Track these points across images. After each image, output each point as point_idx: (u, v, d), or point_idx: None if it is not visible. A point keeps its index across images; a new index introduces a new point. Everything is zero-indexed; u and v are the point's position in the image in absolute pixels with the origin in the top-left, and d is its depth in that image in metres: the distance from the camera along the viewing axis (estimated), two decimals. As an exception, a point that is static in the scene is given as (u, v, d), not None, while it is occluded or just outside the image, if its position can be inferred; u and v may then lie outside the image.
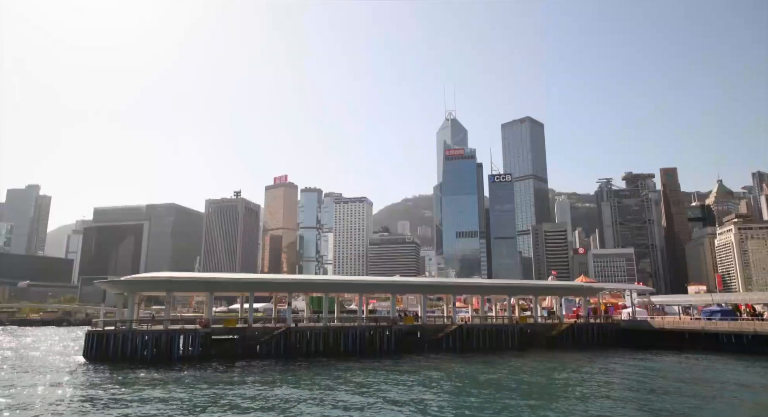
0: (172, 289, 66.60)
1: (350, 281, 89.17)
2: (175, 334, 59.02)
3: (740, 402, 36.36)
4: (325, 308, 72.46)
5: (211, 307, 67.78)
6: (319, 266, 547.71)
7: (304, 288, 78.64)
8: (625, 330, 79.67)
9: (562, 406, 34.25)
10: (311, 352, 62.32)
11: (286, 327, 63.68)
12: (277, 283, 76.54)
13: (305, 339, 63.84)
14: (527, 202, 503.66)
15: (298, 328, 64.93)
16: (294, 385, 40.73)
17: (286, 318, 67.18)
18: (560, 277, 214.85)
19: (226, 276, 76.66)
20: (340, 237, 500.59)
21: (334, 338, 64.69)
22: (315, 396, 36.33)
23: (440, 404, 34.25)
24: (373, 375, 46.29)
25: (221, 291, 75.05)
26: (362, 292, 77.04)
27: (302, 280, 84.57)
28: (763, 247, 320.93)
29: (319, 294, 78.57)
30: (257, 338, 62.08)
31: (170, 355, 56.66)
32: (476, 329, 73.23)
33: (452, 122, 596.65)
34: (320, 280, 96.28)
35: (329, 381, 42.75)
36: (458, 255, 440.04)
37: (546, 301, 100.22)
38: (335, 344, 64.09)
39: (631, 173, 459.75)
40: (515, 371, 50.99)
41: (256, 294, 72.53)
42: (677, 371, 52.97)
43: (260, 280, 77.75)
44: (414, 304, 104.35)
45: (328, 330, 65.64)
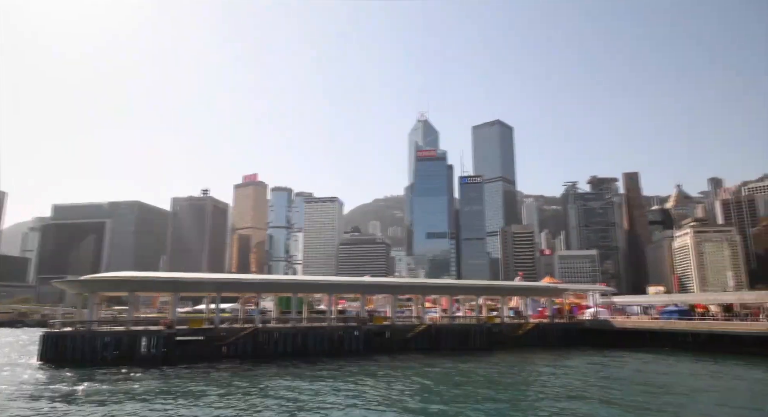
0: (135, 290, 64.67)
1: (319, 281, 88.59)
2: (138, 335, 57.34)
3: (689, 397, 37.88)
4: (293, 308, 71.72)
5: (176, 308, 66.16)
6: (288, 266, 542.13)
7: (272, 288, 77.60)
8: (588, 329, 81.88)
9: (527, 403, 35.09)
10: (279, 352, 61.62)
11: (254, 328, 62.74)
12: (244, 283, 75.30)
13: (273, 340, 63.07)
14: (496, 203, 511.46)
15: (266, 329, 64.09)
16: (259, 386, 40.14)
17: (254, 318, 66.20)
18: (527, 278, 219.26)
19: (192, 276, 74.88)
20: (310, 237, 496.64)
21: (302, 339, 64.17)
22: (281, 396, 35.90)
23: (407, 404, 34.36)
24: (341, 375, 46.14)
25: (187, 291, 73.24)
26: (332, 292, 76.65)
27: (270, 281, 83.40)
28: (718, 250, 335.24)
29: (287, 294, 77.69)
30: (224, 339, 60.93)
31: (132, 356, 55.00)
32: (445, 329, 73.95)
33: (424, 124, 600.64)
34: (289, 280, 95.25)
35: (296, 381, 42.32)
36: (428, 255, 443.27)
37: (513, 301, 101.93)
38: (304, 345, 63.59)
39: (596, 177, 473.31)
40: (482, 370, 51.71)
41: (224, 294, 71.26)
42: (635, 369, 54.83)
43: (227, 280, 76.37)
44: (384, 305, 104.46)
45: (296, 330, 65.07)
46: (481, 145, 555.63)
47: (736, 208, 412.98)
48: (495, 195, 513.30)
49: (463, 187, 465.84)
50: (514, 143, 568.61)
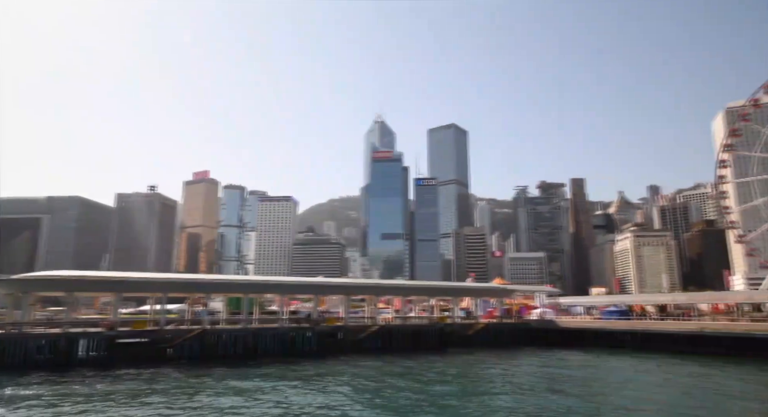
0: (73, 290, 61.37)
1: (272, 282, 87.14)
2: (75, 338, 54.44)
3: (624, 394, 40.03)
4: (244, 309, 70.27)
5: (118, 309, 63.32)
6: (239, 266, 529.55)
7: (222, 288, 75.66)
8: (535, 329, 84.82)
9: (475, 400, 35.92)
10: (229, 354, 60.18)
11: (202, 329, 60.98)
12: (193, 284, 73.06)
13: (222, 341, 61.55)
14: (450, 206, 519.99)
15: (215, 330, 62.47)
16: (203, 389, 39.05)
17: (202, 320, 64.33)
18: (478, 279, 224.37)
19: (136, 275, 71.83)
20: (263, 236, 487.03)
21: (253, 340, 63.01)
22: (224, 397, 35.09)
23: (355, 403, 34.41)
24: (288, 377, 45.62)
25: (130, 291, 70.23)
26: (284, 292, 75.69)
27: (220, 281, 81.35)
28: (655, 254, 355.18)
29: (238, 295, 76.00)
30: (169, 341, 58.85)
31: (69, 360, 52.15)
32: (397, 329, 74.62)
33: (381, 125, 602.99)
34: (240, 280, 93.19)
35: (242, 382, 41.47)
36: (382, 256, 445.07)
37: (464, 301, 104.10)
38: (254, 346, 62.43)
39: (545, 182, 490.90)
40: (431, 369, 52.49)
41: (170, 295, 68.78)
42: (577, 366, 57.39)
43: (174, 280, 73.79)
44: (337, 305, 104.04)
45: (247, 332, 63.79)
46: (436, 148, 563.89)
47: (672, 214, 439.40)
48: (449, 197, 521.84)
49: (418, 189, 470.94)
50: (468, 147, 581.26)
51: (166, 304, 67.57)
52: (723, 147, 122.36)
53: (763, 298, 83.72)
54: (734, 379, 46.97)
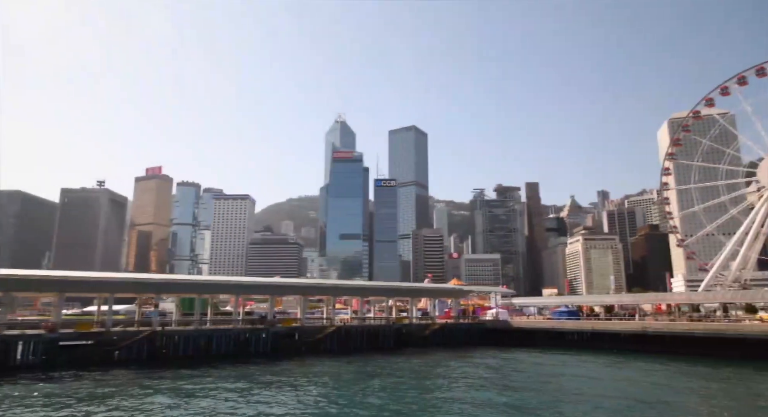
0: (11, 289, 57.69)
1: (226, 282, 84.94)
2: (12, 341, 51.23)
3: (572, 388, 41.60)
4: (197, 310, 68.23)
5: (60, 310, 60.10)
6: (193, 266, 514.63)
7: (174, 289, 73.04)
8: (490, 329, 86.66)
9: (430, 397, 36.39)
10: (180, 356, 58.27)
11: (151, 331, 58.73)
12: (142, 283, 70.13)
13: (173, 343, 59.52)
14: (409, 207, 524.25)
15: (166, 332, 60.28)
16: (149, 392, 37.62)
17: (152, 321, 61.98)
18: (436, 280, 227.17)
19: (81, 274, 68.29)
20: (219, 235, 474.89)
21: (206, 341, 61.27)
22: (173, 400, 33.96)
23: (308, 404, 34.11)
24: (242, 378, 44.71)
25: (74, 291, 66.67)
26: (239, 293, 74.06)
27: (171, 280, 78.44)
28: (603, 256, 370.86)
29: (191, 295, 73.69)
30: (116, 343, 56.35)
31: (6, 364, 49.02)
32: (355, 330, 74.43)
33: (341, 125, 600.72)
34: (193, 280, 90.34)
35: (192, 385, 40.26)
36: (341, 257, 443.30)
37: (421, 302, 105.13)
38: (207, 347, 60.74)
39: (501, 185, 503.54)
40: (388, 368, 52.69)
41: (118, 295, 65.91)
42: (528, 364, 59.13)
43: (122, 280, 70.65)
44: (294, 306, 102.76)
45: (199, 333, 61.96)
46: (396, 150, 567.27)
47: (619, 218, 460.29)
48: (408, 199, 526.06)
49: (378, 190, 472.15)
50: (428, 149, 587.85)
51: (114, 305, 64.70)
52: (666, 156, 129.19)
53: (700, 299, 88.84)
54: (674, 374, 49.77)
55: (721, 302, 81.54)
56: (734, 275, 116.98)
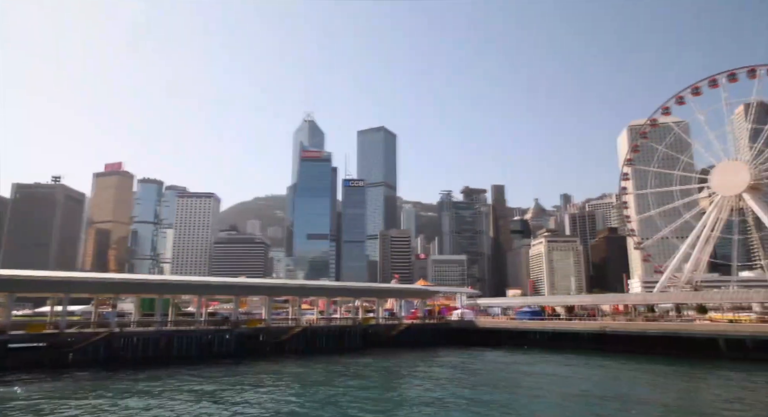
0: (-44, 289, 54.65)
1: (189, 282, 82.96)
2: (-44, 344, 48.50)
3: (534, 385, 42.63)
4: (157, 311, 66.34)
5: (10, 310, 57.28)
6: (154, 265, 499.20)
7: (133, 289, 70.80)
8: (455, 329, 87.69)
9: (392, 397, 36.51)
10: (139, 358, 56.48)
11: (109, 332, 56.74)
12: (99, 283, 67.54)
13: (132, 345, 57.66)
14: (377, 208, 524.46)
15: (124, 333, 58.33)
16: (102, 394, 36.34)
17: (109, 322, 59.88)
18: (403, 281, 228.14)
19: (32, 273, 65.23)
20: (182, 234, 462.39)
21: (166, 343, 59.60)
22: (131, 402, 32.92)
23: (270, 406, 33.68)
24: (203, 380, 43.75)
25: (25, 291, 63.64)
26: (202, 293, 72.43)
27: (131, 280, 75.95)
28: (565, 258, 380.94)
29: (152, 295, 71.56)
30: (71, 345, 54.16)
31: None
32: (321, 330, 74.00)
33: (310, 124, 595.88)
34: (153, 280, 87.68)
35: (150, 388, 39.10)
36: (308, 257, 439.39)
37: (388, 303, 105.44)
38: (168, 349, 59.10)
39: (468, 187, 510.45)
40: (353, 368, 52.61)
41: (73, 295, 63.35)
42: (491, 362, 60.19)
43: (77, 279, 67.74)
44: (259, 307, 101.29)
45: (160, 334, 60.22)
46: (365, 150, 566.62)
47: (581, 221, 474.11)
48: (376, 199, 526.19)
49: (347, 190, 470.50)
50: (397, 150, 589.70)
51: (69, 306, 62.14)
52: (625, 161, 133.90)
53: (655, 299, 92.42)
54: (630, 371, 51.72)
55: (674, 303, 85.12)
56: (687, 277, 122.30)
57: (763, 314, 72.60)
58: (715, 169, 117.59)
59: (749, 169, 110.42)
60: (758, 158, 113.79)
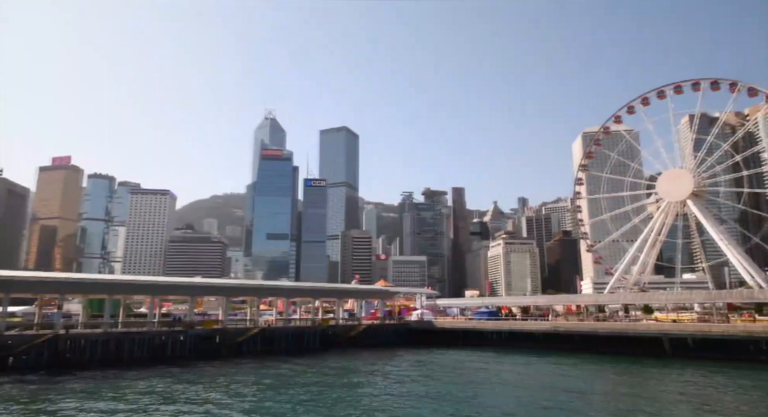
0: None
1: (140, 282, 79.95)
2: None
3: (488, 384, 43.60)
4: (107, 312, 63.65)
5: (-56, 312, 53.60)
6: (104, 264, 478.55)
7: (80, 289, 67.47)
8: (414, 329, 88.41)
9: (349, 397, 36.45)
10: (86, 361, 53.99)
11: (53, 334, 53.96)
12: (42, 283, 64.13)
13: (79, 347, 55.06)
14: (339, 208, 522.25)
15: (70, 335, 55.61)
16: (42, 400, 34.54)
17: (54, 324, 56.95)
18: (363, 281, 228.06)
19: (-29, 272, 61.36)
20: (134, 232, 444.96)
21: (116, 345, 57.24)
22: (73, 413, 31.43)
23: (224, 408, 32.96)
24: (153, 384, 42.33)
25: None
26: (155, 293, 69.98)
27: (78, 280, 72.31)
28: (522, 260, 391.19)
29: (101, 296, 68.54)
30: (10, 348, 51.17)
31: None
32: (279, 332, 72.97)
33: (271, 122, 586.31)
34: (103, 279, 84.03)
35: (95, 392, 37.48)
36: (267, 257, 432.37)
37: (348, 303, 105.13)
38: (118, 352, 56.78)
39: (429, 189, 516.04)
40: (311, 370, 52.18)
41: (14, 295, 59.83)
42: (448, 362, 61.06)
43: (18, 278, 64.09)
44: (216, 307, 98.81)
45: (109, 336, 57.77)
46: (327, 150, 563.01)
47: (537, 224, 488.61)
48: (338, 199, 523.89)
49: (308, 189, 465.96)
50: (359, 150, 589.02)
51: (9, 306, 58.66)
52: (579, 167, 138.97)
53: (605, 300, 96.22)
54: (580, 369, 53.70)
55: (622, 303, 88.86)
56: (635, 279, 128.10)
57: (703, 314, 76.93)
58: (661, 176, 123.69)
59: (692, 176, 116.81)
60: (701, 167, 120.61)
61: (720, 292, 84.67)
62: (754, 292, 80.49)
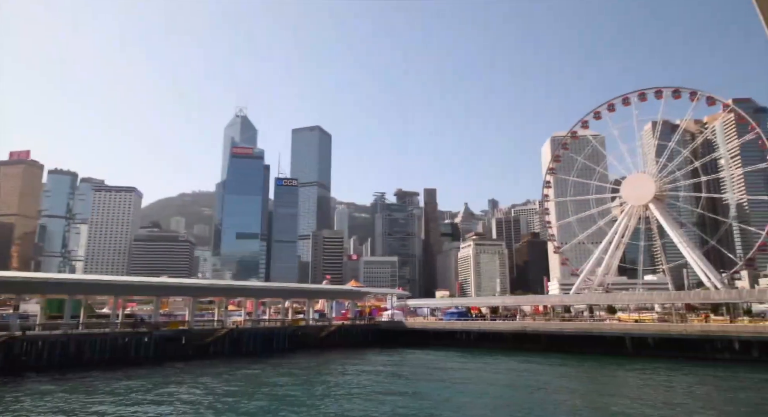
0: None
1: (103, 281, 77.49)
2: None
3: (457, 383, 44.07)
4: (67, 313, 61.43)
5: None
6: (65, 263, 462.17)
7: (38, 289, 64.84)
8: (385, 330, 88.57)
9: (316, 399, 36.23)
10: (44, 364, 51.97)
11: (8, 336, 51.72)
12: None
13: (36, 350, 52.95)
14: (310, 208, 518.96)
15: (27, 337, 53.40)
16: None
17: (9, 325, 54.59)
18: (334, 282, 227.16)
19: None
20: (97, 230, 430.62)
21: (76, 347, 55.30)
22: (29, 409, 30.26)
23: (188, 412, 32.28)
24: (113, 386, 41.09)
25: None
26: (118, 294, 67.95)
27: (35, 279, 69.54)
28: (491, 261, 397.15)
29: (60, 296, 66.07)
30: (-39, 352, 48.77)
31: None
32: (248, 333, 71.93)
33: (242, 119, 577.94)
34: (63, 279, 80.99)
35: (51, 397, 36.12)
36: (236, 256, 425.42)
37: (319, 304, 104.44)
38: (78, 354, 54.87)
39: (401, 190, 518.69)
40: (279, 371, 51.64)
41: (-34, 295, 57.09)
42: (418, 361, 61.47)
43: (-26, 278, 61.36)
44: (183, 308, 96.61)
45: (69, 338, 55.75)
46: (299, 149, 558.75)
47: (506, 226, 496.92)
48: (310, 199, 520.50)
49: (279, 188, 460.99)
50: (331, 150, 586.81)
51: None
52: (548, 170, 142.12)
53: (571, 300, 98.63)
54: (547, 368, 54.87)
55: (587, 304, 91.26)
56: (599, 280, 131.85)
57: (663, 314, 79.76)
58: (625, 180, 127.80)
59: (654, 181, 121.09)
60: (662, 172, 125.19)
61: (679, 293, 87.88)
62: (710, 293, 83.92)
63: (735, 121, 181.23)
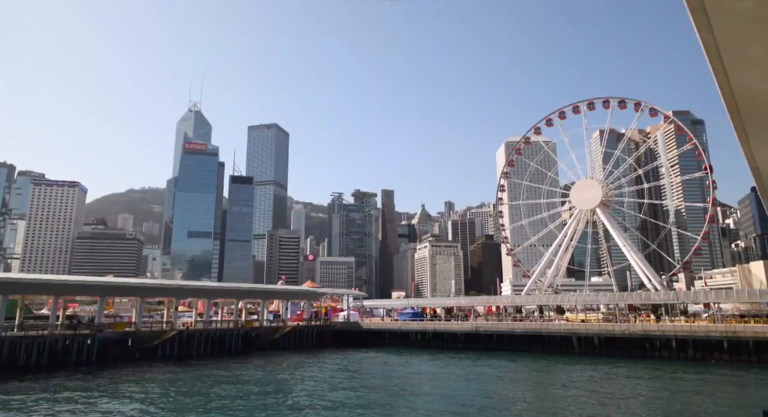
0: None
1: (41, 280, 73.21)
2: None
3: (411, 382, 44.53)
4: (1, 314, 57.61)
5: None
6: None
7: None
8: (340, 331, 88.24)
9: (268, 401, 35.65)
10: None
11: (-67, 340, 47.97)
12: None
13: (-36, 354, 49.37)
14: (266, 207, 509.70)
15: (-46, 341, 49.72)
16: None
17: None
18: (290, 282, 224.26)
19: None
20: (37, 226, 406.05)
21: (9, 351, 51.98)
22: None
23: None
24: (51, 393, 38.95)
25: None
26: (59, 294, 64.41)
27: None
28: (447, 262, 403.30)
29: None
30: None
31: None
32: (198, 334, 69.81)
33: (196, 114, 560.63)
34: (-2, 278, 76.08)
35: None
36: (188, 255, 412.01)
37: (273, 304, 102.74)
38: (11, 358, 51.60)
39: (359, 190, 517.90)
40: (229, 374, 50.46)
41: None
42: (372, 361, 61.60)
43: None
44: (129, 309, 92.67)
45: (2, 341, 52.32)
46: (256, 147, 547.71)
47: (462, 228, 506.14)
48: (266, 198, 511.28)
49: (233, 187, 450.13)
50: (289, 149, 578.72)
51: None
52: (502, 174, 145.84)
53: (522, 301, 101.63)
54: (498, 367, 56.26)
55: (537, 304, 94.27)
56: (549, 281, 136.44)
57: (608, 315, 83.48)
58: (575, 185, 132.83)
59: (601, 187, 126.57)
60: (609, 178, 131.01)
61: (622, 294, 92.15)
62: (651, 294, 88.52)
63: (675, 132, 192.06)
